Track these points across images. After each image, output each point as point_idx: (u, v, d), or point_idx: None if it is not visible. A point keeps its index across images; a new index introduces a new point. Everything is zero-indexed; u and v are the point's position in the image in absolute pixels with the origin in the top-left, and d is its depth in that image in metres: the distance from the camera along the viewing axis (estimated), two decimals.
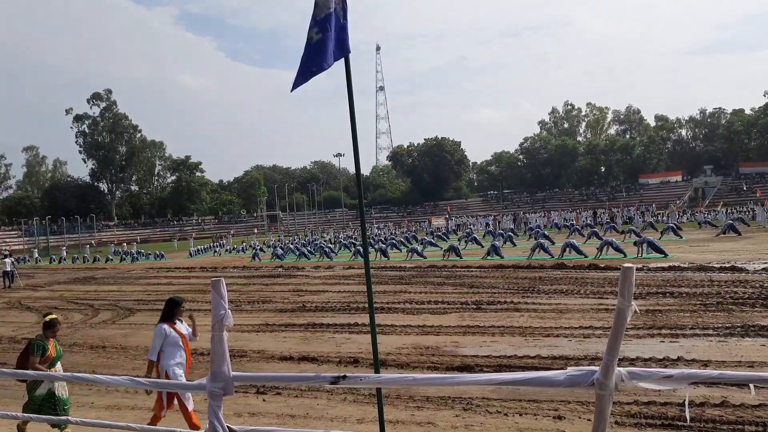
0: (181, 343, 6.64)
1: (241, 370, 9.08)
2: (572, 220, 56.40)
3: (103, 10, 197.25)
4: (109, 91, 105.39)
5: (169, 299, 7.02)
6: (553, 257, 24.83)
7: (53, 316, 7.09)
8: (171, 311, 6.86)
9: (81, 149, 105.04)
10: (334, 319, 14.11)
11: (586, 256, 24.18)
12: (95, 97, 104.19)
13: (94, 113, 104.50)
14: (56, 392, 6.64)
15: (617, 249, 24.55)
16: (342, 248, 39.30)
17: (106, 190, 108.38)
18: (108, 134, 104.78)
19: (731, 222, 34.91)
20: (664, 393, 6.98)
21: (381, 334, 11.41)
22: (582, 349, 9.88)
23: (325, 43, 5.07)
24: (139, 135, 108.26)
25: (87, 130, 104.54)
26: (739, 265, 18.53)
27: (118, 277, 29.97)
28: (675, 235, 32.68)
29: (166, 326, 6.69)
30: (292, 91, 5.35)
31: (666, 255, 22.82)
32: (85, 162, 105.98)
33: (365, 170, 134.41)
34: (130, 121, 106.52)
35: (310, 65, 5.14)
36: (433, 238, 41.55)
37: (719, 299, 13.40)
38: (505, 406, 7.31)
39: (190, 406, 6.47)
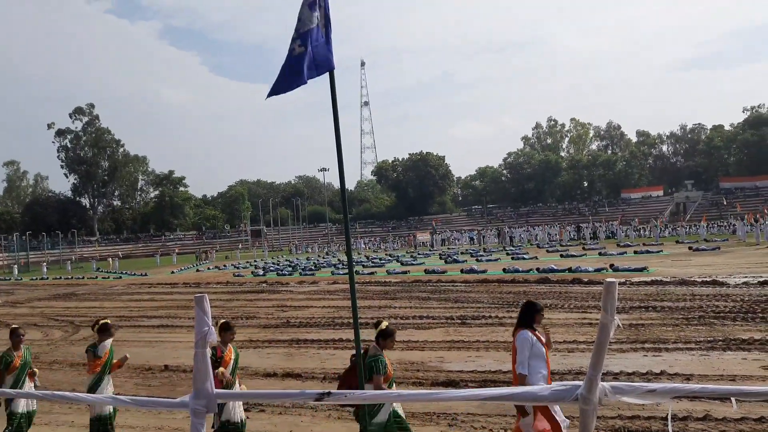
0: (544, 355, 5.69)
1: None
2: (556, 234, 56.77)
3: (86, 24, 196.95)
4: (92, 106, 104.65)
5: (528, 303, 5.92)
6: None
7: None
8: (531, 317, 5.77)
9: (63, 164, 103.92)
10: (318, 334, 14.04)
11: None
12: (78, 112, 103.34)
13: (76, 128, 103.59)
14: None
15: None
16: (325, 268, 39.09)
17: (87, 205, 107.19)
18: (90, 149, 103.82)
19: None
20: (647, 407, 7.01)
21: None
22: (566, 363, 9.91)
23: (306, 57, 5.10)
24: (121, 150, 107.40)
25: (69, 145, 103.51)
26: (721, 279, 18.74)
27: (99, 293, 29.59)
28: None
29: (530, 334, 5.68)
30: (266, 98, 5.36)
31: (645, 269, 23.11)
32: (66, 177, 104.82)
33: (350, 185, 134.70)
34: (112, 136, 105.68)
35: (291, 78, 5.16)
36: (414, 258, 41.29)
37: (701, 313, 13.54)
38: (490, 421, 7.31)
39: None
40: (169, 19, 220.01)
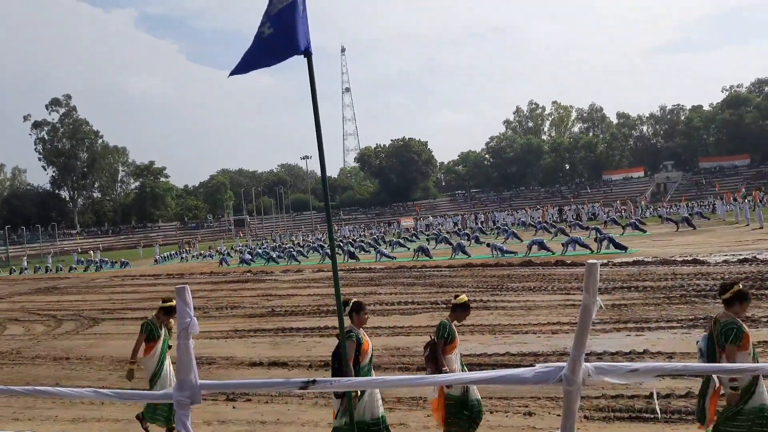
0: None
1: (210, 377, 8.96)
2: (539, 217, 57.14)
3: (59, 13, 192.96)
4: (69, 97, 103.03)
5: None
6: (553, 253, 24.59)
7: None
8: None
9: (40, 156, 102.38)
10: (304, 322, 14.03)
11: (553, 253, 24.51)
12: (54, 103, 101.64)
13: (53, 119, 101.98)
14: None
15: (583, 245, 24.97)
16: (311, 251, 39.09)
17: (67, 198, 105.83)
18: (68, 140, 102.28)
19: (686, 216, 36.19)
20: (631, 386, 7.10)
21: None
22: (550, 345, 10.01)
23: (277, 39, 4.94)
24: (100, 141, 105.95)
25: (46, 137, 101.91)
26: (701, 258, 18.99)
27: (81, 287, 29.29)
28: (638, 230, 33.31)
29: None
30: (229, 76, 5.20)
31: (626, 250, 23.29)
32: (45, 169, 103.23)
33: (333, 172, 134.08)
34: (90, 127, 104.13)
35: (259, 58, 5.02)
36: (401, 240, 41.56)
37: (683, 292, 13.72)
38: None
39: None
40: (145, 6, 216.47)
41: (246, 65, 5.03)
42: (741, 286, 5.10)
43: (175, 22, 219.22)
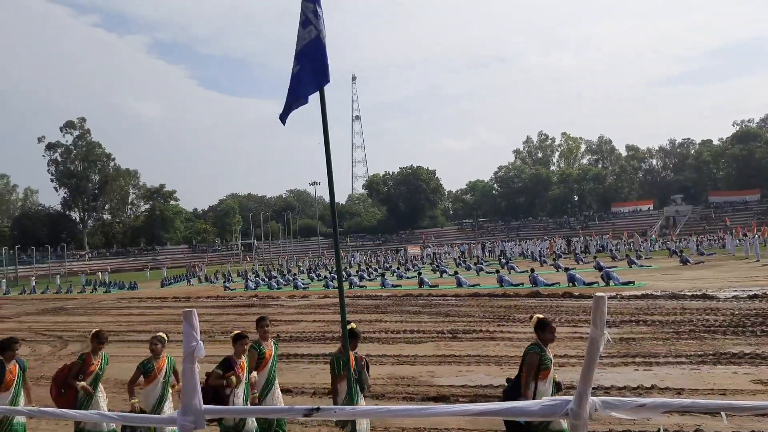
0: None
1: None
2: (546, 248, 56.90)
3: (76, 39, 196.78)
4: (83, 119, 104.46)
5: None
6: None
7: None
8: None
9: (53, 177, 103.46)
10: (309, 349, 13.96)
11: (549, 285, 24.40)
12: (68, 126, 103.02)
13: (66, 141, 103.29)
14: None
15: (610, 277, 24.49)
16: (315, 280, 39.03)
17: (77, 219, 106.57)
18: (81, 162, 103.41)
19: (674, 250, 36.81)
20: (638, 421, 7.00)
21: None
22: (557, 377, 9.88)
23: (302, 75, 5.18)
24: (112, 163, 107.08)
25: (59, 158, 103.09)
26: (711, 293, 18.82)
27: (88, 308, 29.32)
28: (634, 265, 33.19)
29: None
30: (284, 123, 5.49)
31: (633, 283, 23.24)
32: (56, 190, 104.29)
33: (341, 199, 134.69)
34: (103, 150, 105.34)
35: (297, 96, 5.27)
36: (404, 271, 41.14)
37: (691, 327, 13.57)
38: None
39: None
40: (156, 32, 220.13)
41: (289, 106, 5.32)
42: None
43: (184, 48, 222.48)
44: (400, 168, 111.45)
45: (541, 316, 5.66)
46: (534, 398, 5.01)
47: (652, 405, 3.02)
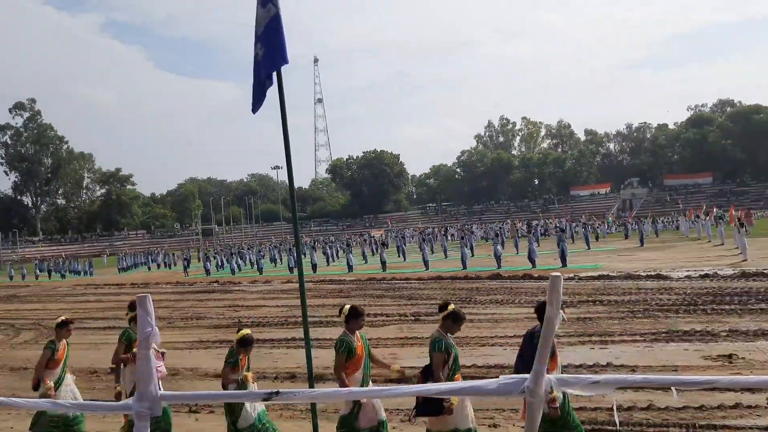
0: None
1: (174, 388, 8.80)
2: (507, 230, 57.65)
3: (24, 17, 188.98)
4: (33, 101, 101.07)
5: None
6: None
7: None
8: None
9: (2, 161, 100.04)
10: (271, 334, 13.88)
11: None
12: (18, 107, 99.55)
13: (16, 123, 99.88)
14: None
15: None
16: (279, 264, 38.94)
17: (30, 204, 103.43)
18: (32, 145, 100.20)
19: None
20: (594, 399, 7.17)
21: (319, 348, 11.26)
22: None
23: (268, 56, 5.11)
24: (65, 146, 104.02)
25: (9, 141, 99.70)
26: (665, 273, 19.37)
27: (42, 295, 28.57)
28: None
29: None
30: (255, 112, 5.40)
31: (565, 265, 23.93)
32: (6, 174, 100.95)
33: (304, 183, 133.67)
34: (55, 132, 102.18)
35: (263, 81, 5.17)
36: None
37: (646, 306, 13.96)
38: None
39: None
40: (112, 12, 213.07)
41: (260, 92, 5.22)
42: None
43: (141, 29, 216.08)
44: (363, 152, 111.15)
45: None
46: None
47: (605, 381, 3.08)
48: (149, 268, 47.63)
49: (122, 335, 6.78)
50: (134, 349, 6.09)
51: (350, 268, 29.87)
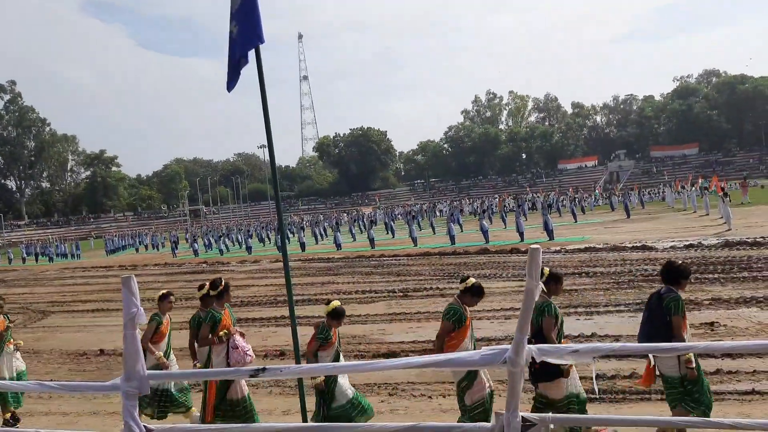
0: None
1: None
2: (495, 206, 57.92)
3: None
4: (13, 83, 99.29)
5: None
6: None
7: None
8: None
9: None
10: (260, 312, 13.95)
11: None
12: None
13: None
14: None
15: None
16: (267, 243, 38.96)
17: (14, 188, 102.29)
18: (14, 128, 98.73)
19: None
20: (578, 368, 7.29)
21: (308, 325, 11.33)
22: (503, 330, 10.21)
23: (243, 34, 5.05)
24: (48, 129, 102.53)
25: None
26: (650, 245, 19.58)
27: (29, 279, 28.43)
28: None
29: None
30: (230, 91, 5.36)
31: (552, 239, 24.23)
32: None
33: (291, 161, 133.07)
34: (37, 114, 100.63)
35: (238, 59, 5.12)
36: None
37: (631, 277, 14.14)
38: (429, 389, 7.47)
39: None
40: None
41: (234, 71, 5.17)
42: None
43: (122, 7, 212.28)
44: (350, 129, 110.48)
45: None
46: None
47: (584, 350, 3.15)
48: (137, 250, 47.42)
49: (206, 317, 6.24)
50: (219, 331, 6.06)
51: (338, 246, 29.91)
